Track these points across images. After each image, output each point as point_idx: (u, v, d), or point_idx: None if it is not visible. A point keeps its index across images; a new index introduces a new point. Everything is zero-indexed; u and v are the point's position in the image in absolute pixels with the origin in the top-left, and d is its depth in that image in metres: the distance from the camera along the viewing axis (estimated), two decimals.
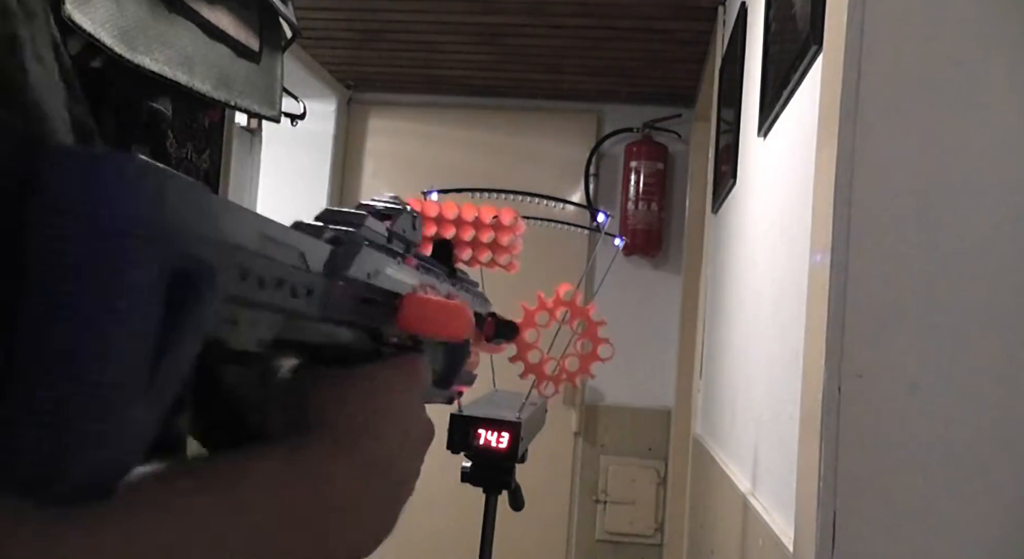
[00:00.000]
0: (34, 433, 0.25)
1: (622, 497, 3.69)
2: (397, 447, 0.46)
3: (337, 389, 0.43)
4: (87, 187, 0.25)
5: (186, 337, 0.28)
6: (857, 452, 0.92)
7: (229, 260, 0.30)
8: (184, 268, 0.27)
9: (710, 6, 2.73)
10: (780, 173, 1.52)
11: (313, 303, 0.37)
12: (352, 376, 0.44)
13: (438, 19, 3.03)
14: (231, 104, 0.56)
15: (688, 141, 3.69)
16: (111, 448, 0.26)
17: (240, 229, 0.31)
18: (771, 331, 1.50)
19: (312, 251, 0.38)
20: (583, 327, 1.39)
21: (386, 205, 0.50)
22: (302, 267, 0.36)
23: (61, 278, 0.25)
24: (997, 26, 0.93)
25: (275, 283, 0.33)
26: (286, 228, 0.36)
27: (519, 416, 1.28)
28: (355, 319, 0.42)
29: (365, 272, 0.43)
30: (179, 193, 0.27)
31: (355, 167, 4.01)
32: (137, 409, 0.27)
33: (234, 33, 0.56)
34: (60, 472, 0.25)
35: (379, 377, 0.45)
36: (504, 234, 1.22)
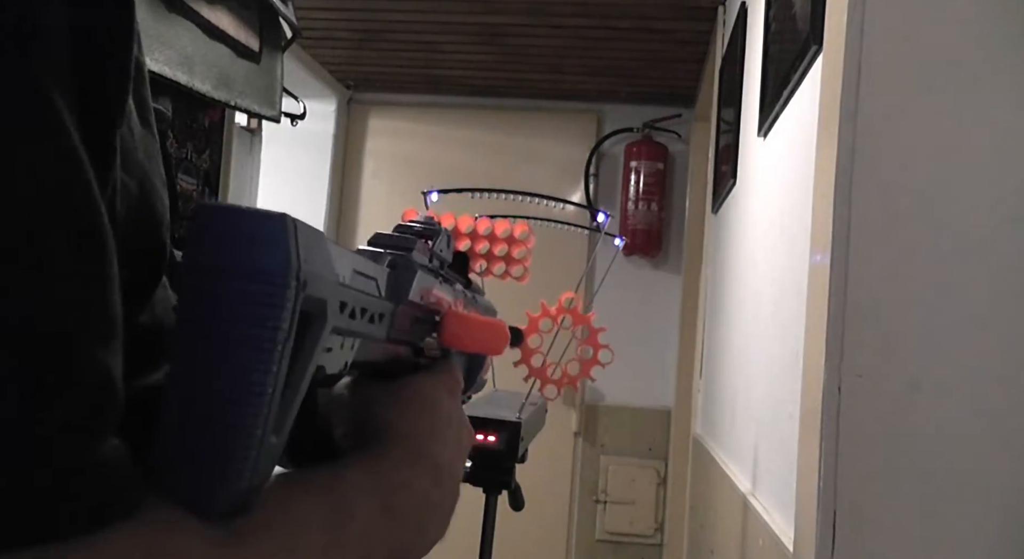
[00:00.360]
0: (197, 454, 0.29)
1: (622, 497, 3.70)
2: (456, 449, 0.50)
3: (395, 400, 0.47)
4: (242, 239, 0.28)
5: (306, 368, 0.32)
6: (857, 452, 0.92)
7: (335, 296, 0.33)
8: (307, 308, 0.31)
9: (710, 6, 2.73)
10: (780, 173, 1.52)
11: (383, 327, 0.41)
12: (406, 387, 0.48)
13: (438, 19, 3.03)
14: (231, 104, 0.56)
15: (688, 141, 3.69)
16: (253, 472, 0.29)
17: (342, 266, 0.34)
18: (771, 331, 1.50)
19: (380, 277, 0.41)
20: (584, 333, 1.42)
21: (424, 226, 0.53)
22: (377, 295, 0.40)
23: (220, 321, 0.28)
24: (997, 26, 0.93)
25: (361, 312, 0.37)
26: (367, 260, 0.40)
27: (519, 416, 1.28)
28: (409, 338, 0.46)
29: (419, 294, 0.46)
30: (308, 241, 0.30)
31: (355, 167, 4.01)
32: (272, 437, 0.30)
33: (234, 33, 0.56)
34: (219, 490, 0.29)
35: (429, 386, 0.49)
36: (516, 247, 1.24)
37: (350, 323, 0.36)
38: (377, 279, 0.40)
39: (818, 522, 0.92)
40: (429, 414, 0.47)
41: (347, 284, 0.35)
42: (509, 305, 1.12)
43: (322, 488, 0.37)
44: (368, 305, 0.38)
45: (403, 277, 0.44)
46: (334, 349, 0.36)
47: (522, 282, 1.26)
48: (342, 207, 3.99)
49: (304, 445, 0.40)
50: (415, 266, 0.45)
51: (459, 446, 0.51)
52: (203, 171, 2.12)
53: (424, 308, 0.47)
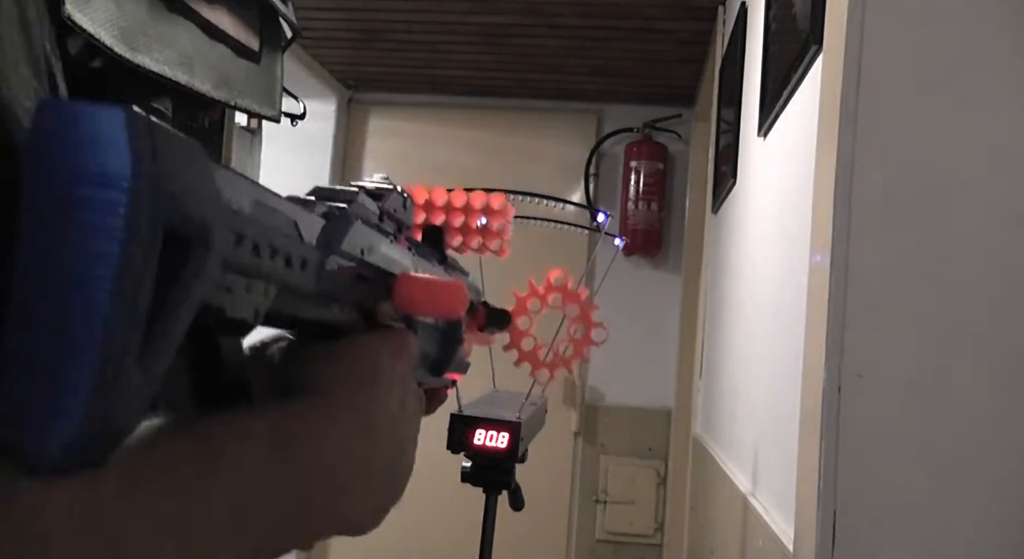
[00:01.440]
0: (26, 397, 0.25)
1: (622, 497, 3.69)
2: (398, 410, 0.46)
3: (326, 356, 0.43)
4: (86, 138, 0.25)
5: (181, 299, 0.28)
6: (857, 452, 0.92)
7: (224, 223, 0.29)
8: (178, 228, 0.27)
9: (710, 6, 2.73)
10: (780, 173, 1.52)
11: (307, 276, 0.37)
12: (339, 344, 0.43)
13: (438, 19, 3.03)
14: (231, 104, 0.56)
15: (688, 141, 3.69)
16: (108, 409, 0.25)
17: (235, 192, 0.30)
18: (771, 331, 1.50)
19: (306, 223, 0.37)
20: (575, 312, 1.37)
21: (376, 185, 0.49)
22: (296, 237, 0.36)
23: (52, 233, 0.25)
24: (997, 26, 0.93)
25: (269, 251, 0.33)
26: (280, 197, 0.36)
27: (519, 416, 1.27)
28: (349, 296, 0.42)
29: (359, 248, 0.42)
30: (175, 149, 0.27)
31: (355, 167, 4.01)
32: (131, 374, 0.26)
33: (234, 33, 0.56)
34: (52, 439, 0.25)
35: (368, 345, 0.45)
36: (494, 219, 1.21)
37: (254, 261, 0.32)
38: (298, 221, 0.36)
39: (818, 522, 0.91)
40: (363, 372, 0.43)
41: (247, 215, 0.31)
42: (496, 286, 1.10)
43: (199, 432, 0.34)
44: (282, 245, 0.34)
45: (337, 226, 0.40)
46: (236, 290, 0.31)
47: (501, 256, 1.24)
48: None
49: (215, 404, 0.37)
50: (353, 217, 0.42)
51: (403, 409, 0.46)
52: None
53: (370, 266, 0.44)
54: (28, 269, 0.25)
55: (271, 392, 0.41)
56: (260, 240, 0.32)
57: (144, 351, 0.26)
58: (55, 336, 0.25)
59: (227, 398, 0.37)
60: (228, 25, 0.55)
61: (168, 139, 0.26)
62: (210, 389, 0.37)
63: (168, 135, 0.26)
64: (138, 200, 0.25)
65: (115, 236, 0.25)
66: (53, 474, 0.26)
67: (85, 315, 0.25)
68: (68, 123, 0.25)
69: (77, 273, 0.25)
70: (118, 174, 0.25)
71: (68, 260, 0.25)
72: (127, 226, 0.25)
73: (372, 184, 0.49)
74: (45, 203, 0.25)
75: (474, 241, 1.23)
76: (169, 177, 0.26)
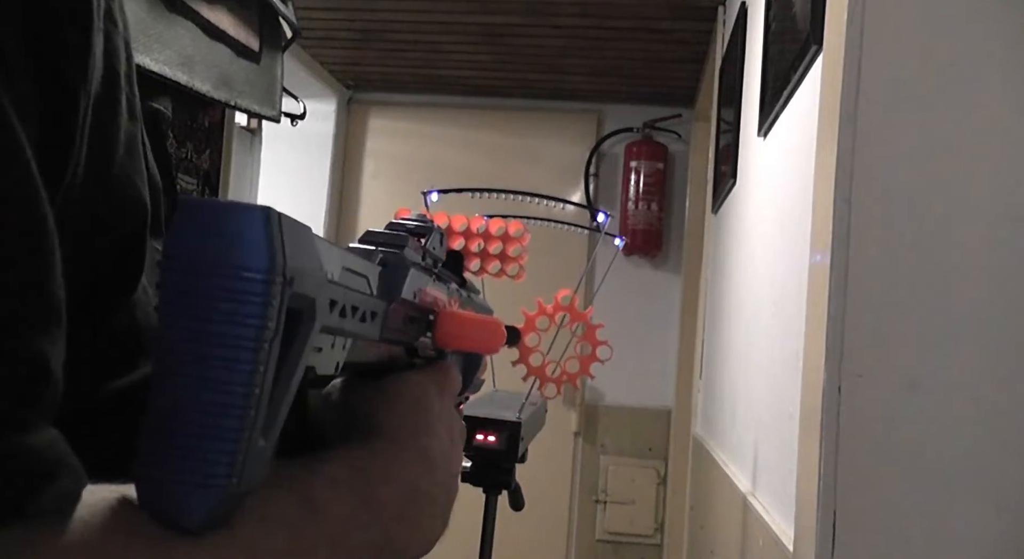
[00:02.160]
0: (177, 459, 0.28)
1: (622, 497, 3.69)
2: (449, 442, 0.49)
3: (382, 396, 0.46)
4: (226, 234, 0.28)
5: (295, 369, 0.31)
6: (857, 452, 0.92)
7: (324, 293, 0.32)
8: (295, 306, 0.30)
9: (710, 6, 2.73)
10: (780, 173, 1.52)
11: (376, 326, 0.40)
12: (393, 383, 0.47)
13: (438, 19, 3.03)
14: (231, 104, 0.56)
15: (688, 141, 3.69)
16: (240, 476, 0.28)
17: (330, 262, 0.33)
18: (771, 331, 1.50)
19: (372, 275, 0.40)
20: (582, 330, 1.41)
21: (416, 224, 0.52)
22: (369, 293, 0.39)
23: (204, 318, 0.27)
24: (996, 27, 0.93)
25: (352, 310, 0.36)
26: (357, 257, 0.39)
27: (519, 416, 1.27)
28: (401, 337, 0.45)
29: (412, 292, 0.45)
30: (294, 236, 0.29)
31: (355, 167, 4.01)
32: (260, 440, 0.29)
33: (234, 33, 0.56)
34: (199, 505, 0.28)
35: (417, 382, 0.48)
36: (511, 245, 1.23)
37: (341, 322, 0.35)
38: (368, 277, 0.39)
39: (818, 522, 0.91)
40: (417, 409, 0.47)
41: (337, 281, 0.34)
42: (506, 304, 1.12)
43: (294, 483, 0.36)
44: (359, 303, 0.37)
45: (395, 275, 0.43)
46: (324, 349, 0.35)
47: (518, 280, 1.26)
48: (342, 207, 3.99)
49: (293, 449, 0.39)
50: (407, 264, 0.44)
51: (452, 441, 0.50)
52: (203, 171, 2.12)
53: (418, 307, 0.46)
54: (172, 350, 0.28)
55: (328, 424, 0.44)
56: (347, 303, 0.35)
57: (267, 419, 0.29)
58: (203, 413, 0.27)
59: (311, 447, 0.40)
60: (228, 25, 0.56)
61: (290, 228, 0.29)
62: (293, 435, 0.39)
63: (290, 224, 0.29)
64: (274, 290, 0.28)
65: (255, 323, 0.28)
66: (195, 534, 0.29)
67: (229, 397, 0.28)
68: (213, 219, 0.28)
69: (227, 355, 0.27)
70: (258, 268, 0.28)
71: (218, 343, 0.27)
72: (264, 314, 0.28)
73: (412, 223, 0.51)
74: (194, 291, 0.27)
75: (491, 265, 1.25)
76: (292, 265, 0.29)
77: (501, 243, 1.24)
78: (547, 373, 1.36)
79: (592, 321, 1.41)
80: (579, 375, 1.40)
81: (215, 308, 0.27)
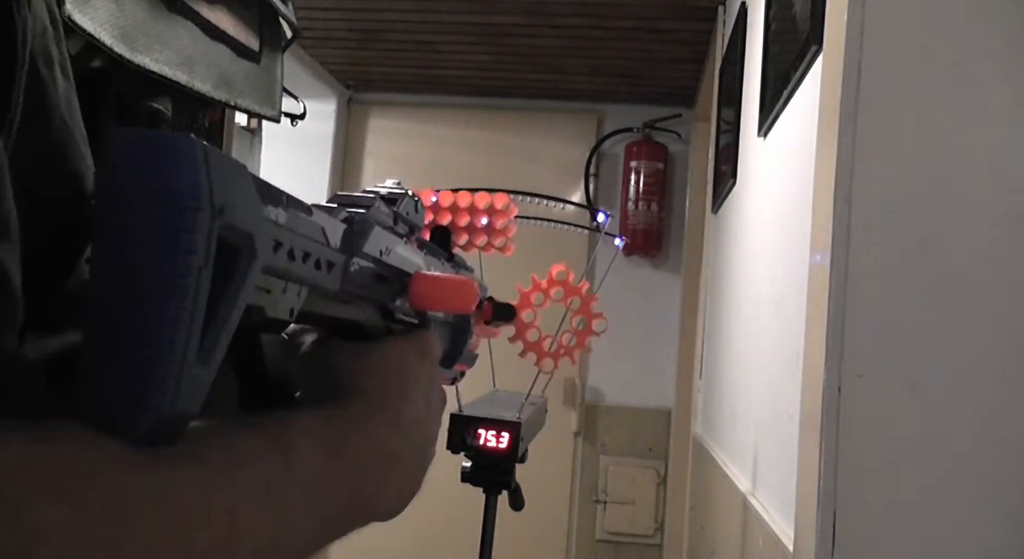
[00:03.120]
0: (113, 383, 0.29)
1: (622, 497, 3.69)
2: (425, 408, 0.50)
3: (360, 359, 0.46)
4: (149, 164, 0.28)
5: (233, 302, 0.31)
6: (857, 452, 0.92)
7: (265, 232, 0.33)
8: (229, 239, 0.30)
9: (710, 6, 2.73)
10: (780, 173, 1.52)
11: (333, 277, 0.40)
12: (371, 348, 0.47)
13: (438, 19, 3.03)
14: (231, 104, 0.56)
15: (688, 141, 3.69)
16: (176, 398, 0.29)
17: (274, 204, 0.34)
18: (771, 331, 1.50)
19: (331, 228, 0.40)
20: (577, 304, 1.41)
21: (390, 190, 0.52)
22: (323, 242, 0.39)
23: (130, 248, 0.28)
24: (996, 27, 0.93)
25: (302, 256, 0.36)
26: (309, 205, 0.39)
27: (519, 416, 1.28)
28: (369, 295, 0.45)
29: (378, 250, 0.45)
30: (226, 170, 0.30)
31: (355, 167, 4.01)
32: (195, 367, 0.30)
33: (234, 33, 0.56)
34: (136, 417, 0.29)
35: (396, 347, 0.48)
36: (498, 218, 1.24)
37: (289, 265, 0.35)
38: (325, 228, 0.40)
39: (818, 522, 0.91)
40: (395, 374, 0.47)
41: (282, 224, 0.34)
42: (501, 282, 1.13)
43: (270, 429, 0.37)
44: (313, 250, 0.37)
45: (358, 230, 0.43)
46: (274, 292, 0.35)
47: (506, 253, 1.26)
48: None
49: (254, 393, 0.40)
50: (371, 222, 0.45)
51: (428, 405, 0.51)
52: None
53: (388, 266, 0.47)
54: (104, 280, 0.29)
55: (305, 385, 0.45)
56: (294, 246, 0.35)
57: (203, 348, 0.30)
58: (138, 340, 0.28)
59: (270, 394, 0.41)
60: (228, 25, 0.56)
61: (218, 160, 0.29)
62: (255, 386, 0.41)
63: (218, 156, 0.29)
64: (201, 217, 0.28)
65: (183, 249, 0.28)
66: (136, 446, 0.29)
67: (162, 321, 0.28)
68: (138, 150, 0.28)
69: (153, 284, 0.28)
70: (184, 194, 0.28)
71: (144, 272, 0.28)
72: (192, 240, 0.28)
73: (385, 189, 0.52)
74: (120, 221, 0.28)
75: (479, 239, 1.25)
76: (221, 193, 0.29)
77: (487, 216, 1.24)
78: (544, 348, 1.36)
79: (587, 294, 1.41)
80: (577, 349, 1.40)
81: (141, 235, 0.28)
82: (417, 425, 0.48)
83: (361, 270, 0.43)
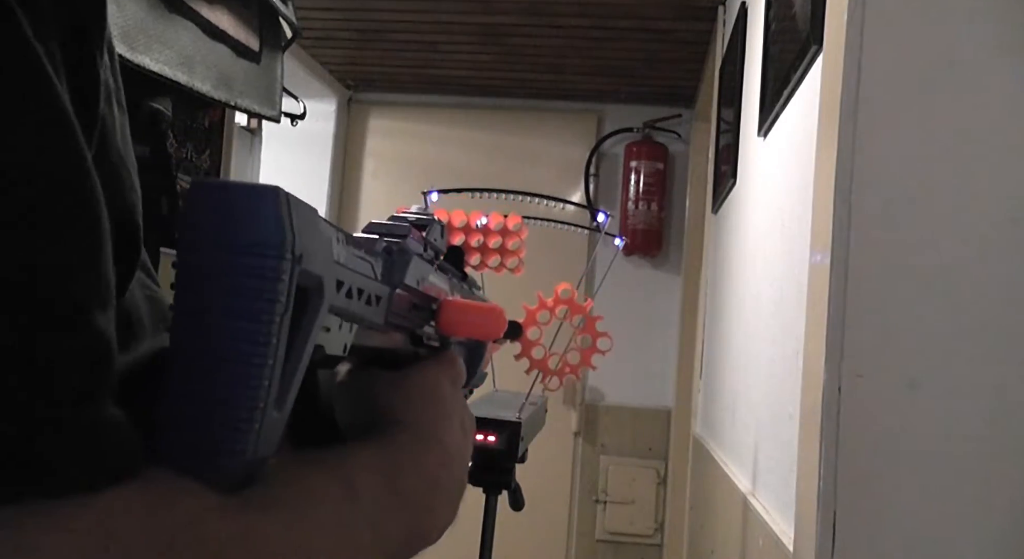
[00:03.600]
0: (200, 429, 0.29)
1: (622, 497, 3.69)
2: (462, 435, 0.50)
3: (399, 388, 0.47)
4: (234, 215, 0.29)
5: (305, 345, 0.32)
6: (857, 452, 0.92)
7: (332, 273, 0.34)
8: (304, 283, 0.31)
9: (710, 6, 2.73)
10: (780, 173, 1.52)
11: (380, 310, 0.41)
12: (409, 375, 0.48)
13: (438, 19, 3.03)
14: (231, 104, 0.56)
15: (688, 141, 3.69)
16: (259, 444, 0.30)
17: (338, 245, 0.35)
18: (771, 331, 1.50)
19: (376, 262, 0.41)
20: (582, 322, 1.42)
21: (418, 216, 0.53)
22: (374, 278, 0.40)
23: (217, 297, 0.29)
24: (996, 26, 0.93)
25: (357, 292, 0.37)
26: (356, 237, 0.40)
27: (519, 416, 1.28)
28: (405, 323, 0.46)
29: (415, 280, 0.46)
30: (303, 216, 0.30)
31: (355, 167, 4.01)
32: (274, 411, 0.30)
33: (234, 33, 0.56)
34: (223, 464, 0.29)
35: (432, 375, 0.49)
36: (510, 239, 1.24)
37: (348, 303, 0.36)
38: (373, 262, 0.41)
39: (818, 522, 0.91)
40: (433, 401, 0.48)
41: (344, 264, 0.35)
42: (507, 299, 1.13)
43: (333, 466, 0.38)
44: (365, 286, 0.38)
45: (398, 262, 0.44)
46: (332, 330, 0.36)
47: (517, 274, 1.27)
48: (342, 207, 3.99)
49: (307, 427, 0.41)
50: (410, 252, 0.46)
51: (464, 432, 0.51)
52: (203, 171, 2.12)
53: (420, 294, 0.48)
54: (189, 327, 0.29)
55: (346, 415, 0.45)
56: (352, 284, 0.37)
57: (280, 391, 0.31)
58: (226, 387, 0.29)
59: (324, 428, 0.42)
60: (228, 25, 0.56)
61: (298, 208, 0.30)
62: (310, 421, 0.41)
63: (297, 204, 0.30)
64: (284, 266, 0.29)
65: (269, 298, 0.29)
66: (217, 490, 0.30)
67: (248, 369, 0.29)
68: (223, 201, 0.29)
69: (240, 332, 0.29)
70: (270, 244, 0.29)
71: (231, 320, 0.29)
72: (276, 289, 0.29)
73: (414, 215, 0.53)
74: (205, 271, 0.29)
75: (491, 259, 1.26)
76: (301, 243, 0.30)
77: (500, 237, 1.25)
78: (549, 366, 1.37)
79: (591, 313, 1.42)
80: (581, 366, 1.42)
81: (229, 283, 0.29)
82: (458, 453, 0.49)
83: (400, 300, 0.44)
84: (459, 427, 0.50)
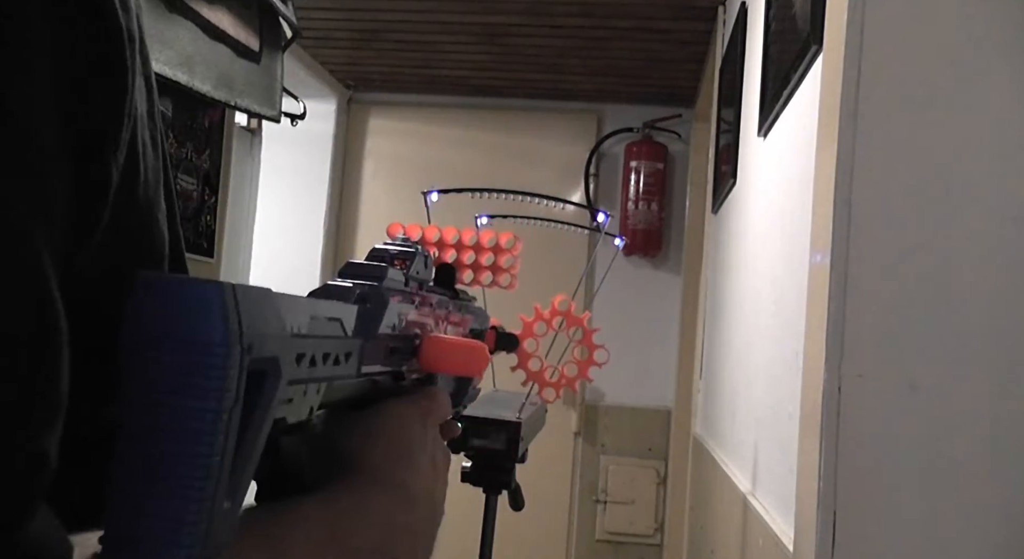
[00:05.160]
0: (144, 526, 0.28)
1: (622, 497, 3.69)
2: (431, 473, 0.49)
3: (362, 430, 0.46)
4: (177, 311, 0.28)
5: (261, 427, 0.31)
6: (857, 452, 0.92)
7: (289, 349, 0.33)
8: (256, 368, 0.30)
9: (710, 6, 2.73)
10: (780, 173, 1.52)
11: (352, 365, 0.40)
12: (373, 416, 0.47)
13: (438, 19, 3.03)
14: (231, 104, 0.56)
15: (688, 141, 3.69)
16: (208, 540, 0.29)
17: (294, 317, 0.34)
18: (771, 331, 1.50)
19: (347, 315, 0.40)
20: (579, 334, 1.42)
21: (400, 248, 0.52)
22: (343, 335, 0.39)
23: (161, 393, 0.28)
24: (996, 26, 0.93)
25: (323, 358, 0.37)
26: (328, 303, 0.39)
27: (519, 416, 1.28)
28: (384, 368, 0.45)
29: (392, 325, 0.45)
30: (252, 305, 0.30)
31: (355, 167, 4.01)
32: (225, 502, 0.30)
33: (234, 33, 0.56)
34: None
35: (398, 413, 0.48)
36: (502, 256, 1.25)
37: (311, 371, 0.35)
38: (342, 318, 0.40)
39: (818, 522, 0.91)
40: (397, 441, 0.47)
41: (304, 333, 0.35)
42: (503, 310, 1.13)
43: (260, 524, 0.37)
44: (332, 348, 0.38)
45: (373, 311, 0.43)
46: (296, 399, 0.35)
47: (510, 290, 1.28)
48: (342, 207, 3.99)
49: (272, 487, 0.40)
50: (386, 297, 0.45)
51: (434, 470, 0.50)
52: (203, 171, 2.12)
53: (399, 337, 0.47)
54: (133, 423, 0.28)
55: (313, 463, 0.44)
56: (315, 352, 0.36)
57: (231, 483, 0.30)
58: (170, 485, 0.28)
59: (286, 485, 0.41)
60: (228, 25, 0.56)
61: (245, 299, 0.30)
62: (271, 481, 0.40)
63: (244, 294, 0.30)
64: (231, 362, 0.28)
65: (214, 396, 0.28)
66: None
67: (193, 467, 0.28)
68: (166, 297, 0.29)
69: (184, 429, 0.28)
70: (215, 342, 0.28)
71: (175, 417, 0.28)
72: (222, 387, 0.28)
73: (396, 248, 0.51)
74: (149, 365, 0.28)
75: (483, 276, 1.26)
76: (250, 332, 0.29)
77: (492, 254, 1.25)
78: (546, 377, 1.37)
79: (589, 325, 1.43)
80: (577, 379, 1.42)
81: (173, 382, 0.28)
82: (425, 491, 0.48)
83: (376, 348, 0.43)
84: (428, 465, 0.49)
